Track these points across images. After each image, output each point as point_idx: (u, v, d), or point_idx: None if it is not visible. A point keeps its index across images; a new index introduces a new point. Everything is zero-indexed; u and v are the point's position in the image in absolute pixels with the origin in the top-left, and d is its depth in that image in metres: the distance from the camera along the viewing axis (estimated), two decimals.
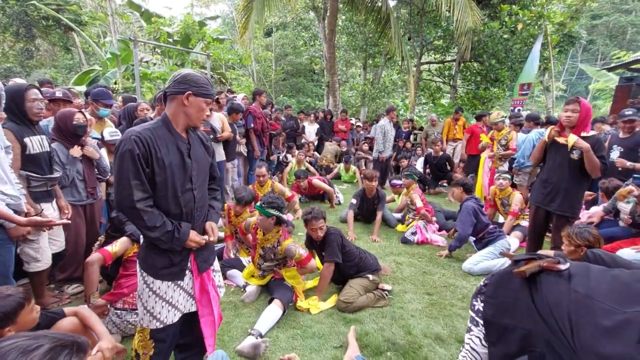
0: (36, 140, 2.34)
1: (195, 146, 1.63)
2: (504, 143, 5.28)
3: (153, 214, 1.45)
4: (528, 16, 8.83)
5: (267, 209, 2.64)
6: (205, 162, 1.69)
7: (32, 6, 12.23)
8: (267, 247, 2.81)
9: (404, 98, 16.10)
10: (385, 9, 9.46)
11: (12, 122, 2.25)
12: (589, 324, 1.03)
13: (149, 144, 1.43)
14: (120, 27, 16.47)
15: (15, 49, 14.21)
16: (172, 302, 1.61)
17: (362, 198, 4.64)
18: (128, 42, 10.34)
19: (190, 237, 1.55)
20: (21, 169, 2.26)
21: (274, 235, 2.78)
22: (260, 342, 2.17)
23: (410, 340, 2.39)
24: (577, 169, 2.86)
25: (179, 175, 1.52)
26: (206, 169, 1.70)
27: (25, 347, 0.78)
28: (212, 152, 1.80)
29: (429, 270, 3.51)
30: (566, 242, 2.29)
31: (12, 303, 1.39)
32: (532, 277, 1.27)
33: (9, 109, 2.24)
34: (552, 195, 3.00)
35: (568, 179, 2.90)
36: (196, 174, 1.60)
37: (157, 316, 1.59)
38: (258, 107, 5.66)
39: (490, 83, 10.00)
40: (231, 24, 20.85)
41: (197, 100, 1.51)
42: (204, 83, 1.52)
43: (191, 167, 1.56)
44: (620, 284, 1.07)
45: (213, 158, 1.81)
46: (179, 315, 1.65)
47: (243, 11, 9.73)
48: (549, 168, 3.04)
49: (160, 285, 1.58)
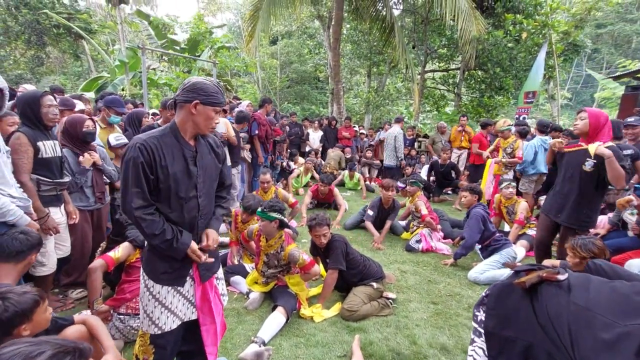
0: (49, 145, 2.39)
1: (204, 153, 1.62)
2: (509, 151, 5.26)
3: (152, 221, 1.46)
4: (532, 25, 8.86)
5: (268, 213, 2.65)
6: (213, 169, 1.67)
7: (44, 15, 12.50)
8: (270, 254, 2.80)
9: (408, 106, 16.12)
10: (389, 18, 9.54)
11: (27, 127, 2.31)
12: (588, 337, 1.02)
13: (153, 152, 1.44)
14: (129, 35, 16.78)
15: (27, 56, 14.49)
16: (171, 308, 1.60)
17: (379, 209, 4.57)
18: (136, 50, 10.51)
19: (190, 248, 1.54)
20: (32, 173, 2.29)
21: (277, 241, 2.77)
22: (264, 351, 2.15)
23: (416, 350, 2.35)
24: (590, 182, 2.79)
25: (183, 183, 1.52)
26: (214, 175, 1.68)
27: (28, 353, 0.78)
28: (223, 158, 1.78)
29: (434, 279, 3.47)
30: (571, 254, 2.27)
31: (29, 300, 1.41)
32: (532, 288, 1.26)
33: (25, 114, 2.31)
34: (561, 206, 2.96)
35: (578, 192, 2.85)
36: (202, 182, 1.59)
37: (156, 321, 1.59)
38: (263, 114, 5.70)
39: (495, 91, 10.01)
40: (237, 32, 21.15)
41: (205, 109, 1.50)
42: (214, 92, 1.51)
43: (196, 174, 1.56)
44: (619, 295, 1.07)
45: (224, 164, 1.79)
46: (178, 322, 1.63)
47: (249, 20, 9.88)
48: (560, 179, 3.01)
49: (160, 290, 1.58)
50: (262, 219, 2.69)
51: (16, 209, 1.94)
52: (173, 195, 1.51)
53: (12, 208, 1.91)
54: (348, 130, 8.69)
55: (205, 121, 1.53)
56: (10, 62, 13.87)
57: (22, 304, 1.39)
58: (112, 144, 3.27)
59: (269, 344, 2.31)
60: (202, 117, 1.52)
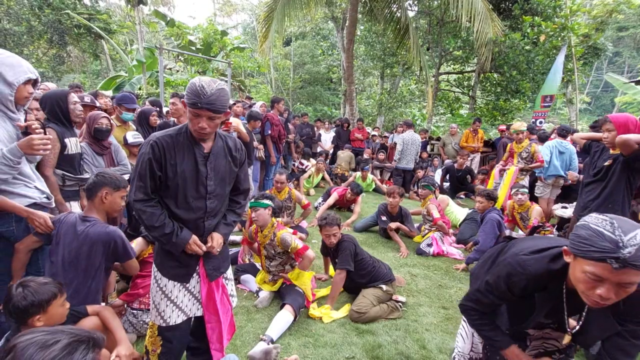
0: (74, 142, 2.48)
1: (219, 155, 1.59)
2: (525, 156, 5.15)
3: (152, 214, 1.49)
4: (551, 28, 8.65)
5: (261, 201, 2.79)
6: (227, 172, 1.64)
7: (65, 15, 12.89)
8: (267, 244, 2.85)
9: (422, 108, 15.97)
10: (404, 19, 9.48)
11: (54, 124, 2.39)
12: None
13: (165, 149, 1.47)
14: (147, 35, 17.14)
15: (49, 55, 14.96)
16: (176, 302, 1.63)
17: (389, 215, 4.55)
18: (153, 50, 10.73)
19: (190, 243, 1.55)
20: (57, 168, 2.38)
21: (270, 230, 2.83)
22: (272, 348, 2.16)
23: (425, 354, 2.32)
24: (616, 181, 2.65)
25: (192, 181, 1.53)
26: (227, 178, 1.66)
27: (44, 342, 0.79)
28: (241, 162, 1.72)
29: (444, 283, 3.43)
30: None
31: (47, 292, 1.45)
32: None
33: (52, 111, 2.39)
34: (587, 205, 2.86)
35: (606, 191, 2.73)
36: (212, 183, 1.58)
37: (162, 314, 1.63)
38: (275, 114, 5.73)
39: (511, 94, 9.81)
40: (251, 33, 21.35)
41: (189, 110, 1.45)
42: (191, 91, 1.41)
43: (205, 175, 1.55)
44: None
45: (241, 168, 1.73)
46: (183, 317, 1.66)
47: (264, 21, 9.95)
48: (588, 178, 2.92)
49: (167, 284, 1.62)
50: (256, 208, 2.78)
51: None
52: (180, 193, 1.53)
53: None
54: (360, 132, 8.67)
55: (191, 122, 1.47)
56: (33, 60, 14.31)
57: (40, 294, 1.43)
58: (129, 141, 3.35)
59: (277, 342, 2.32)
60: (189, 118, 1.47)
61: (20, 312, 1.41)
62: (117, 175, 1.98)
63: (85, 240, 1.81)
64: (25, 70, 1.79)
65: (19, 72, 1.76)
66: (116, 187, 1.94)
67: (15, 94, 1.77)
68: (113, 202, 1.95)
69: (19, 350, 0.78)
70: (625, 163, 2.59)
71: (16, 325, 1.46)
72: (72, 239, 1.82)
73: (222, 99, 1.44)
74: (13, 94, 1.76)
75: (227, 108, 1.50)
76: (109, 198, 1.92)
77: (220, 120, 1.51)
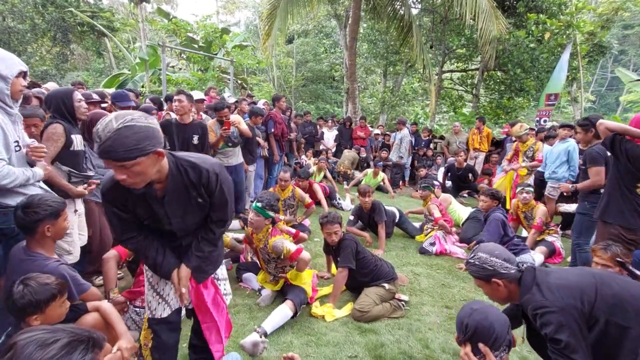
0: (79, 139, 2.50)
1: (177, 193, 1.42)
2: (530, 154, 5.11)
3: (138, 250, 1.56)
4: (556, 25, 8.57)
5: (266, 211, 2.71)
6: (193, 206, 1.48)
7: (69, 13, 12.92)
8: (261, 249, 2.83)
9: (424, 106, 15.90)
10: (407, 17, 9.42)
11: (62, 120, 2.39)
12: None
13: (118, 194, 1.39)
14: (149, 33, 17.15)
15: (52, 53, 15.01)
16: (162, 294, 1.66)
17: (359, 214, 4.47)
18: (156, 48, 10.73)
19: (172, 277, 1.55)
20: (63, 165, 2.39)
21: (264, 234, 2.80)
22: (260, 342, 2.17)
23: (428, 354, 2.31)
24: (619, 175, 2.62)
25: (153, 220, 1.49)
26: (195, 212, 1.52)
27: (43, 341, 0.79)
28: (211, 191, 1.47)
29: (447, 282, 3.41)
30: (596, 258, 2.19)
31: (47, 292, 1.44)
32: None
33: (58, 109, 2.39)
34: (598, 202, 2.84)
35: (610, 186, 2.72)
36: (177, 221, 1.49)
37: (149, 305, 1.67)
38: (278, 112, 5.73)
39: (515, 92, 9.75)
40: (254, 30, 21.31)
41: None
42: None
43: (164, 214, 1.45)
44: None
45: (213, 196, 1.49)
46: (169, 311, 1.67)
47: (267, 19, 9.92)
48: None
49: (155, 277, 1.65)
50: (257, 214, 2.72)
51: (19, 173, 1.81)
52: (152, 225, 1.53)
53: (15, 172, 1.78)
54: (363, 130, 8.65)
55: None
56: (36, 58, 14.38)
57: (39, 295, 1.42)
58: None
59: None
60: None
61: (18, 310, 1.41)
62: (49, 202, 1.76)
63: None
64: (16, 62, 1.79)
65: (11, 65, 1.76)
66: (55, 215, 1.77)
67: (10, 88, 1.76)
68: (58, 229, 1.80)
69: (18, 348, 0.78)
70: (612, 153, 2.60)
71: (16, 321, 1.46)
72: (16, 271, 1.67)
73: (123, 142, 1.12)
74: (9, 87, 1.75)
75: (140, 152, 1.16)
76: (52, 229, 1.77)
77: (142, 168, 1.21)
